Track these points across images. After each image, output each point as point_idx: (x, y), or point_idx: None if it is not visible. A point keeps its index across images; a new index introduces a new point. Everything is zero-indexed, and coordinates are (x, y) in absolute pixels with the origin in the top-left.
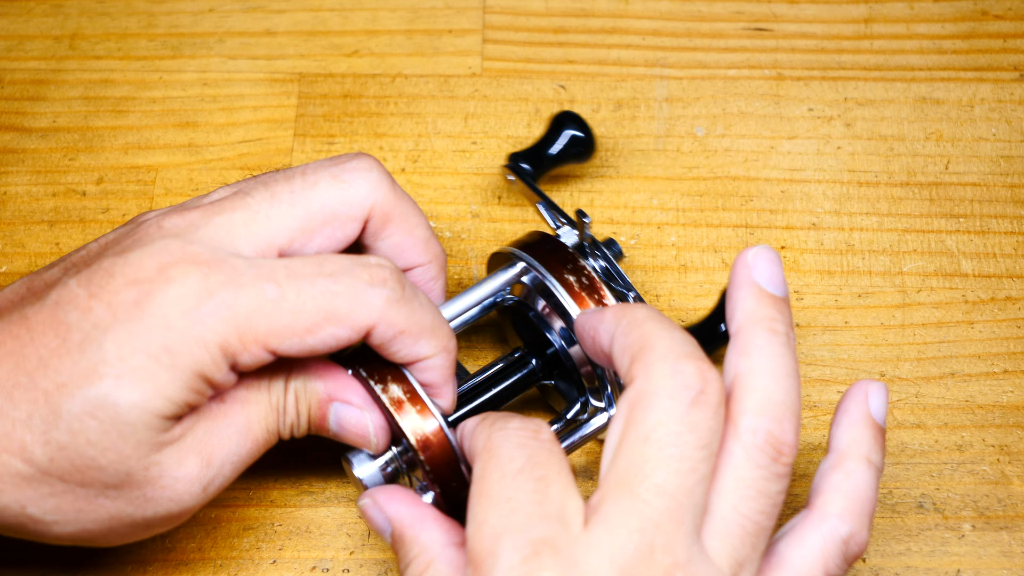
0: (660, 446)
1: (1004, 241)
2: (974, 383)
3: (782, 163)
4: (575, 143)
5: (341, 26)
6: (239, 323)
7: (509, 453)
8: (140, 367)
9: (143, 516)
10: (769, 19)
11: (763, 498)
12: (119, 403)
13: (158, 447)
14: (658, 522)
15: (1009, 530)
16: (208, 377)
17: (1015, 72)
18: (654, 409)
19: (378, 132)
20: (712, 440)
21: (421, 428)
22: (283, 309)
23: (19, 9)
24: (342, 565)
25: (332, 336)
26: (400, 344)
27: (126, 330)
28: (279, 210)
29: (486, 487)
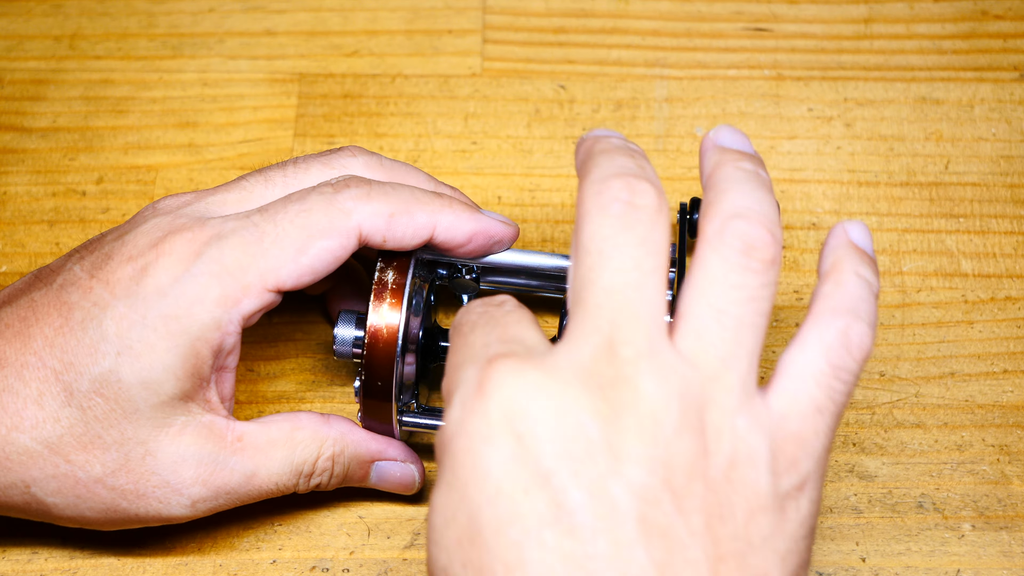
0: (599, 254)
1: (1004, 241)
2: (974, 383)
3: (782, 163)
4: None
5: (341, 26)
6: (231, 271)
7: (469, 319)
8: (138, 340)
9: (135, 512)
10: (769, 19)
11: (739, 291)
12: (122, 379)
13: (159, 432)
14: (612, 320)
15: (1009, 530)
16: (209, 337)
17: (1015, 72)
18: (586, 224)
19: (378, 132)
20: (651, 237)
21: (381, 319)
22: (266, 243)
23: (19, 9)
24: (342, 565)
25: (324, 249)
26: (400, 226)
27: (124, 305)
28: (272, 191)
29: (451, 352)
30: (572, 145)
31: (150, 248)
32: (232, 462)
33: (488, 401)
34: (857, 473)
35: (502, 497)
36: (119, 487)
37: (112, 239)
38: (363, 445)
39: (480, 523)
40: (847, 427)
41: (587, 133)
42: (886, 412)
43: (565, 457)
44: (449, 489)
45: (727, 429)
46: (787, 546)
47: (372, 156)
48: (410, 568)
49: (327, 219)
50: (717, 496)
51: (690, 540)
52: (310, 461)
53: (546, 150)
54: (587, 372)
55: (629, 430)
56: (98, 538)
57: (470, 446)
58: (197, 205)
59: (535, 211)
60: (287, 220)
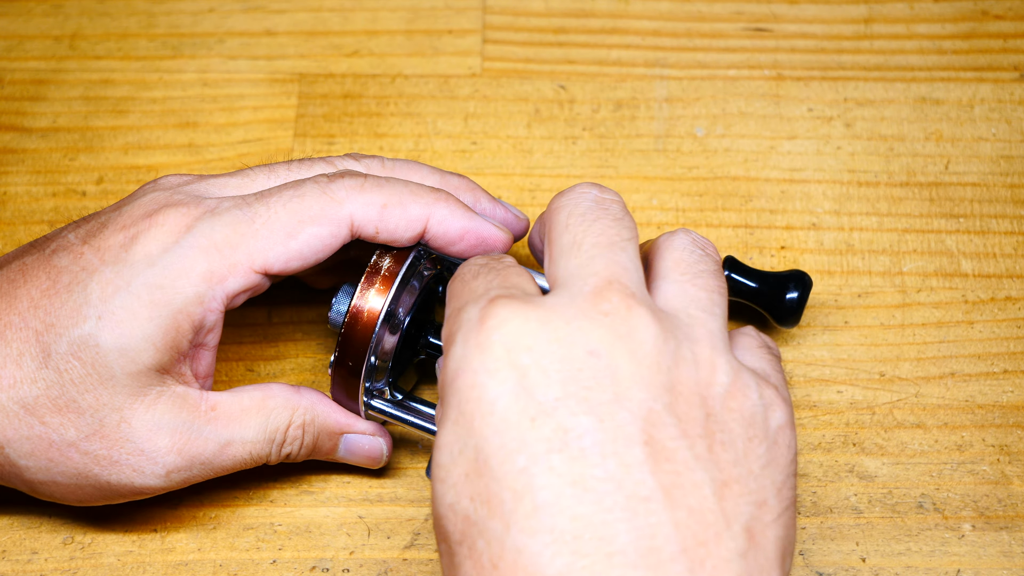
0: (581, 226)
1: (1004, 241)
2: (974, 383)
3: (782, 163)
4: (788, 306)
5: (341, 26)
6: (220, 248)
7: (471, 269)
8: (121, 306)
9: (107, 480)
10: (769, 19)
11: (700, 263)
12: (100, 344)
13: (134, 400)
14: (605, 266)
15: (1009, 530)
16: (190, 311)
17: (1015, 72)
18: (559, 215)
19: (378, 132)
20: (623, 218)
21: (365, 302)
22: (257, 224)
23: (19, 9)
24: (342, 565)
25: (314, 236)
26: (393, 218)
27: (111, 271)
28: (274, 183)
29: (451, 297)
30: (572, 145)
31: (143, 218)
32: (206, 431)
33: (491, 335)
34: (857, 473)
35: (508, 426)
36: (92, 452)
37: (110, 210)
38: (332, 416)
39: (487, 454)
40: (847, 427)
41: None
42: (886, 412)
43: (571, 384)
44: (454, 425)
45: (720, 364)
46: (781, 478)
47: (375, 157)
48: (410, 568)
49: (319, 206)
50: (718, 423)
51: (695, 464)
52: (282, 429)
53: (546, 150)
54: (586, 308)
55: (632, 357)
56: (98, 538)
57: (474, 380)
58: (197, 185)
59: (535, 211)
60: (280, 204)
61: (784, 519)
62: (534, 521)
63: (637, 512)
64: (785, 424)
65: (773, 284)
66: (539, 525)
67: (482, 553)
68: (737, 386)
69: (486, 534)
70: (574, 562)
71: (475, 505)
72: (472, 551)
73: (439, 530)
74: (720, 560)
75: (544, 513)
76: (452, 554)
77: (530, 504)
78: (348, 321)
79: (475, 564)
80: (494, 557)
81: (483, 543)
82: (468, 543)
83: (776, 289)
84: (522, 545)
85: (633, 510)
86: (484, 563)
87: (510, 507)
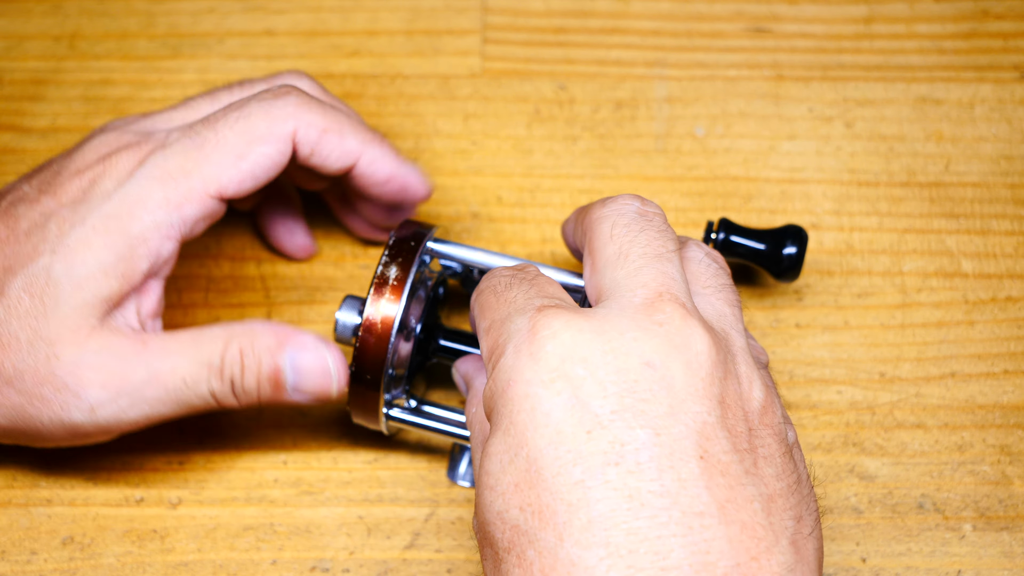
0: (625, 238)
1: (1004, 241)
2: (974, 383)
3: (782, 163)
4: (788, 261)
5: (341, 26)
6: (174, 176)
7: (500, 280)
8: (76, 238)
9: (40, 420)
10: (769, 19)
11: (719, 276)
12: (51, 274)
13: (72, 334)
14: (654, 277)
15: (1010, 530)
16: (147, 239)
17: (1016, 72)
18: (602, 227)
19: None
20: (666, 230)
21: (378, 312)
22: (207, 149)
23: (19, 9)
24: (342, 565)
25: (263, 155)
26: (329, 144)
27: (69, 210)
28: (216, 108)
29: (485, 310)
30: (572, 145)
31: (97, 162)
32: (133, 361)
33: (544, 346)
34: (857, 473)
35: (563, 438)
36: (25, 390)
37: (61, 158)
38: (271, 330)
39: (540, 465)
40: (847, 427)
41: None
42: (886, 412)
43: (627, 396)
44: (505, 435)
45: (756, 379)
46: (807, 491)
47: (316, 83)
48: (410, 568)
49: (265, 124)
50: (759, 438)
51: (745, 478)
52: (217, 352)
53: (546, 150)
54: (639, 319)
55: (687, 369)
56: (98, 538)
57: (527, 391)
58: (144, 122)
59: (535, 211)
60: (227, 127)
61: (817, 532)
62: (589, 535)
63: (692, 527)
64: (795, 441)
65: (771, 241)
66: (594, 539)
67: (532, 563)
68: (769, 402)
69: (537, 544)
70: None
71: (525, 515)
72: (522, 560)
73: (484, 535)
74: (771, 575)
75: (599, 527)
76: (499, 560)
77: (585, 517)
78: (363, 335)
79: (524, 573)
80: (546, 568)
81: (533, 553)
82: (517, 552)
83: (774, 246)
84: (576, 558)
85: (688, 525)
86: (534, 573)
87: (564, 519)
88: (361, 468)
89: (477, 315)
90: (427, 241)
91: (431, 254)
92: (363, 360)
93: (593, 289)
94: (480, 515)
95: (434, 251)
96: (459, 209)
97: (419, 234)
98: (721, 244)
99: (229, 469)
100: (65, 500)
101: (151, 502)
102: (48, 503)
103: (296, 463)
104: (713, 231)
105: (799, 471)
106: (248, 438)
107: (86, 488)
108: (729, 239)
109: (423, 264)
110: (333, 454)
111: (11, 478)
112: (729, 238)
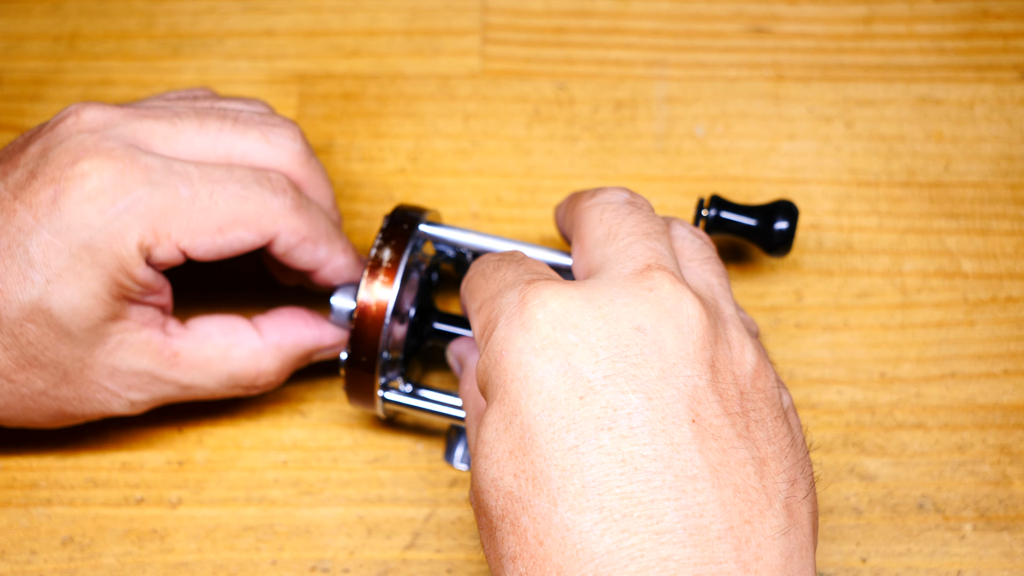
0: (615, 220)
1: (1005, 241)
2: (975, 383)
3: (782, 163)
4: (779, 236)
5: (341, 26)
6: (155, 219)
7: (489, 264)
8: (65, 268)
9: (82, 413)
10: (769, 19)
11: (705, 250)
12: (51, 307)
13: (92, 350)
14: (644, 250)
15: (1010, 531)
16: (130, 272)
17: (1016, 72)
18: (593, 210)
19: (378, 132)
20: (654, 215)
21: (372, 295)
22: (196, 208)
23: (18, 9)
24: (342, 565)
25: (239, 239)
26: (303, 251)
27: (48, 232)
28: (203, 140)
29: (475, 292)
30: (572, 145)
31: (71, 167)
32: (169, 375)
33: (535, 314)
34: (858, 473)
35: (557, 404)
36: (62, 397)
37: (36, 153)
38: (300, 345)
39: (534, 432)
40: (847, 427)
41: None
42: (887, 412)
43: (619, 361)
44: (500, 404)
45: (747, 344)
46: (802, 455)
47: (304, 149)
48: (410, 568)
49: (256, 214)
50: (750, 402)
51: (738, 442)
52: (248, 376)
53: (546, 150)
54: (629, 285)
55: (678, 332)
56: (98, 538)
57: (520, 359)
58: (123, 129)
59: (535, 211)
60: (223, 198)
61: (811, 496)
62: (583, 499)
63: (685, 491)
64: (791, 405)
65: (762, 217)
66: (588, 503)
67: (526, 529)
68: (761, 367)
69: (531, 511)
70: (623, 540)
71: (519, 482)
72: (516, 527)
73: (479, 504)
74: (765, 538)
75: (593, 491)
76: (493, 528)
77: (579, 482)
78: (358, 317)
79: (519, 540)
80: (540, 533)
81: (527, 519)
82: (511, 519)
83: (765, 221)
84: (570, 522)
85: (681, 489)
86: (529, 539)
87: (558, 484)
88: (361, 468)
89: (468, 298)
90: (420, 224)
91: (424, 237)
92: (358, 342)
93: (582, 268)
94: (475, 484)
95: (427, 234)
96: (459, 209)
97: (412, 218)
98: (712, 221)
99: (229, 469)
100: (65, 500)
101: (151, 502)
102: (48, 503)
103: (296, 463)
104: (704, 208)
105: (793, 434)
106: (248, 438)
107: (86, 488)
108: (720, 215)
109: (416, 248)
110: (333, 454)
111: (11, 478)
112: (720, 214)
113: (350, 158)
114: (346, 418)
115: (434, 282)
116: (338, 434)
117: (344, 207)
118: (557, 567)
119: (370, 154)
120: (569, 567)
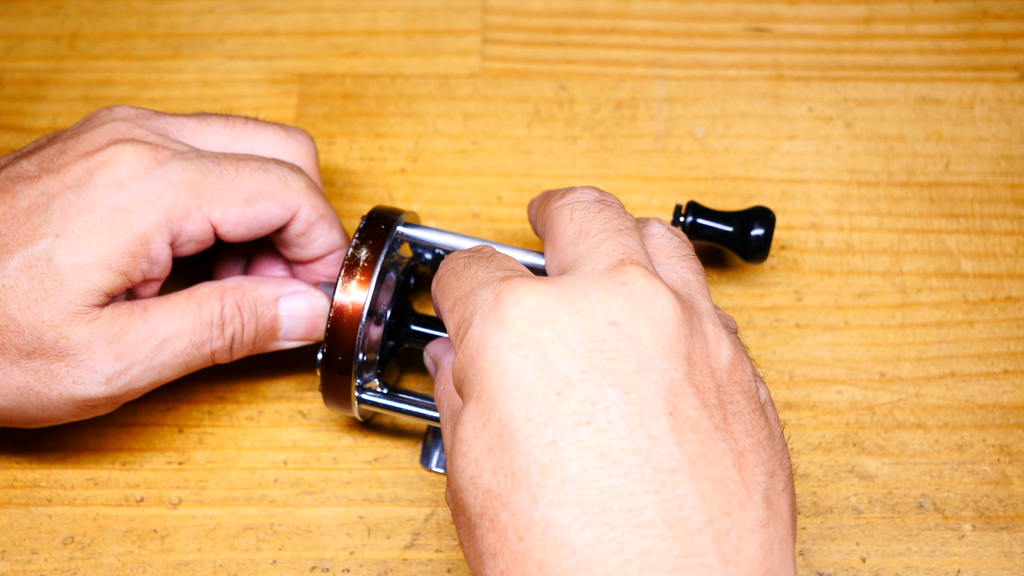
0: (584, 218)
1: (1004, 241)
2: (974, 383)
3: (782, 163)
4: (755, 242)
5: (341, 26)
6: (187, 188)
7: (458, 262)
8: (82, 226)
9: (49, 397)
10: (769, 19)
11: (682, 247)
12: (52, 260)
13: (74, 317)
14: (616, 247)
15: (1009, 530)
16: (148, 242)
17: (1015, 72)
18: (563, 210)
19: (378, 132)
20: (623, 213)
21: (348, 297)
22: (225, 179)
23: (19, 9)
24: (342, 565)
25: (266, 211)
26: (320, 229)
27: (75, 194)
28: (230, 132)
29: (447, 291)
30: (572, 145)
31: (108, 146)
32: (142, 329)
33: (510, 311)
34: (857, 473)
35: (534, 400)
36: (32, 368)
37: (66, 136)
38: (262, 284)
39: (512, 428)
40: (847, 427)
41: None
42: (886, 412)
43: (595, 356)
44: (477, 403)
45: (724, 338)
46: (780, 448)
47: (316, 152)
48: (410, 568)
49: (279, 186)
50: (727, 395)
51: (715, 434)
52: (216, 310)
53: (546, 150)
54: (603, 281)
55: (653, 326)
56: (98, 538)
57: (496, 357)
58: (156, 121)
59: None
60: (247, 171)
61: (790, 489)
62: (562, 494)
63: (664, 484)
64: (768, 399)
65: (738, 223)
66: (567, 498)
67: (506, 525)
68: (737, 360)
69: (510, 507)
70: (603, 533)
71: (498, 479)
72: (495, 524)
73: (457, 503)
74: (744, 530)
75: (572, 486)
76: (472, 526)
77: (558, 477)
78: (333, 317)
79: (499, 536)
80: (520, 529)
81: (507, 515)
82: (490, 516)
83: (741, 228)
84: (551, 517)
85: (660, 482)
86: (509, 535)
87: (537, 480)
88: (361, 468)
89: (440, 296)
90: (397, 225)
91: (401, 238)
92: (334, 344)
93: (556, 267)
94: (453, 483)
95: (404, 235)
96: (459, 209)
97: (389, 219)
98: (689, 227)
99: (229, 469)
100: (65, 500)
101: (151, 502)
102: (48, 503)
103: (296, 463)
104: (681, 214)
105: (771, 427)
106: (248, 438)
107: (86, 488)
108: (697, 221)
109: (393, 248)
110: (333, 454)
111: (11, 478)
112: (696, 220)
113: (350, 158)
114: (346, 418)
115: (411, 286)
116: (338, 434)
117: (344, 207)
118: (538, 562)
119: (370, 154)
120: (550, 561)
